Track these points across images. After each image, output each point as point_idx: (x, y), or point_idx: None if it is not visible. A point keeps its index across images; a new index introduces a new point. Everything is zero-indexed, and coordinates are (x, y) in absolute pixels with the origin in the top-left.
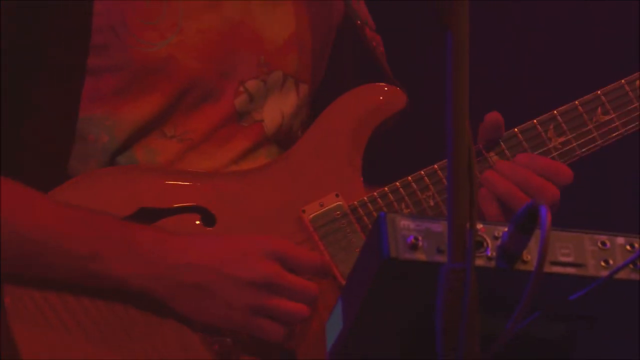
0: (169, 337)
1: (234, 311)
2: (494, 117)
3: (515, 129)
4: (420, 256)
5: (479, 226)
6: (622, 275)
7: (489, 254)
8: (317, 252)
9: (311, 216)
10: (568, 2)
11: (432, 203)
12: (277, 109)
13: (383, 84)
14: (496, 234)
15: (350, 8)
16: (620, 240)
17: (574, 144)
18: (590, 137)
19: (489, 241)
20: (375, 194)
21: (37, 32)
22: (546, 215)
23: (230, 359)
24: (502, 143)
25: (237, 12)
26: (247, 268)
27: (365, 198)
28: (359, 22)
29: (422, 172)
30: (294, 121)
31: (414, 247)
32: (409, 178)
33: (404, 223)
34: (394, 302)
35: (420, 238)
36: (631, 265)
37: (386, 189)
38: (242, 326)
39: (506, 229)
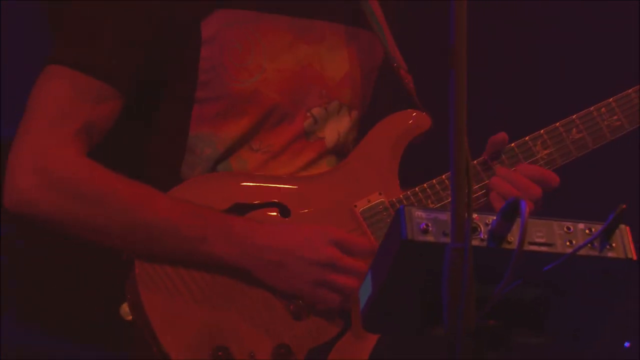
0: (256, 299)
1: (303, 284)
2: (502, 136)
3: (512, 144)
4: (430, 238)
5: (474, 216)
6: (583, 252)
7: (482, 237)
8: (366, 237)
9: (361, 209)
10: (569, 3)
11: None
12: (335, 129)
13: (413, 110)
14: (487, 222)
15: (389, 54)
16: (581, 225)
17: (556, 156)
18: (567, 150)
19: (482, 227)
20: (408, 192)
21: (160, 72)
22: (525, 207)
23: (302, 317)
24: (502, 155)
25: (306, 57)
26: (313, 251)
27: (401, 196)
28: (395, 64)
29: (444, 177)
30: (348, 138)
31: (425, 231)
32: (434, 181)
33: (418, 213)
34: (410, 273)
35: (430, 225)
36: (590, 245)
37: (417, 189)
38: (308, 295)
39: (495, 218)
